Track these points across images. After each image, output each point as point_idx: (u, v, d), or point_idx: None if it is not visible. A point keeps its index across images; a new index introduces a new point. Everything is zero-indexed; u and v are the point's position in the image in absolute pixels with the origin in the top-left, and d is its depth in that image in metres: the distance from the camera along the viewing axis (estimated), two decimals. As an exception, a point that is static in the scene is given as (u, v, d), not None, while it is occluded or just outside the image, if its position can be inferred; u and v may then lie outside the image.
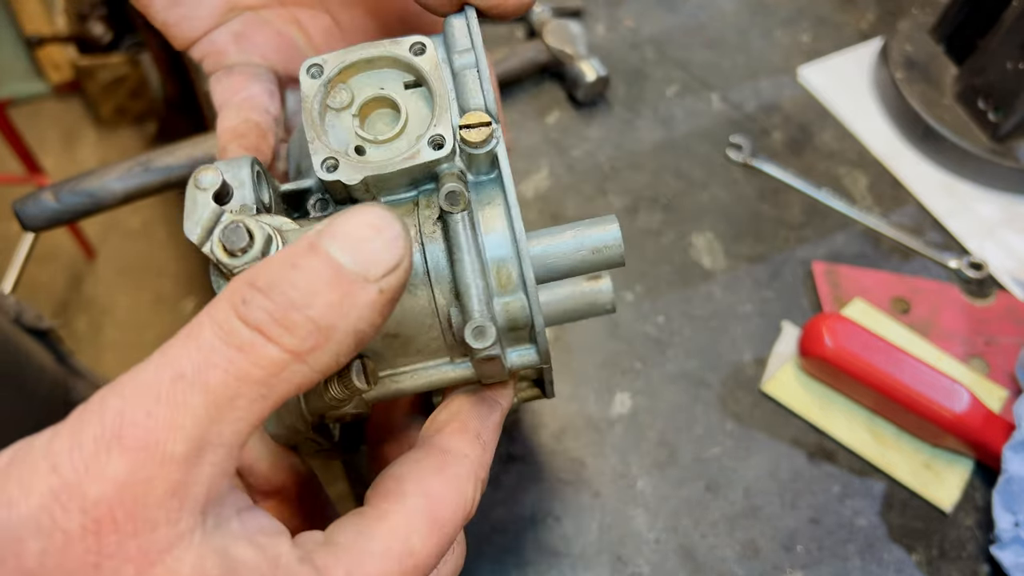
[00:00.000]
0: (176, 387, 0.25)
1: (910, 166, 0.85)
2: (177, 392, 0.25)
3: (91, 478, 0.24)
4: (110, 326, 2.14)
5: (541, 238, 0.38)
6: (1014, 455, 0.61)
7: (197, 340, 0.26)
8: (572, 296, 0.42)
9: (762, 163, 0.83)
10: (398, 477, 0.33)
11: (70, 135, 2.46)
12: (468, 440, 0.35)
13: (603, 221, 0.38)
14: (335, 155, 0.36)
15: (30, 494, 0.24)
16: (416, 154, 0.36)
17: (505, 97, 0.86)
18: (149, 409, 0.25)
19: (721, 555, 0.62)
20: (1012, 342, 0.73)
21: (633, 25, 0.93)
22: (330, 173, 0.36)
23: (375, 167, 0.36)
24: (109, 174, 0.65)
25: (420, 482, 0.33)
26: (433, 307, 0.36)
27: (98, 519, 0.24)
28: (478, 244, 0.35)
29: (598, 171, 0.82)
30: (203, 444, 0.25)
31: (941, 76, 0.87)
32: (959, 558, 0.63)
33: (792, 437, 0.68)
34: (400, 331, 0.37)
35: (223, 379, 0.25)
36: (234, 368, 0.26)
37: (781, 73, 0.91)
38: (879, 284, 0.76)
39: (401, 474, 0.33)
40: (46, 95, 2.50)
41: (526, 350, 0.37)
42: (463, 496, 0.33)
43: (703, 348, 0.71)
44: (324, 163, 0.36)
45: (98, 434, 0.25)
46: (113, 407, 0.25)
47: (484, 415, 0.37)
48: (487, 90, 0.37)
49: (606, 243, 0.38)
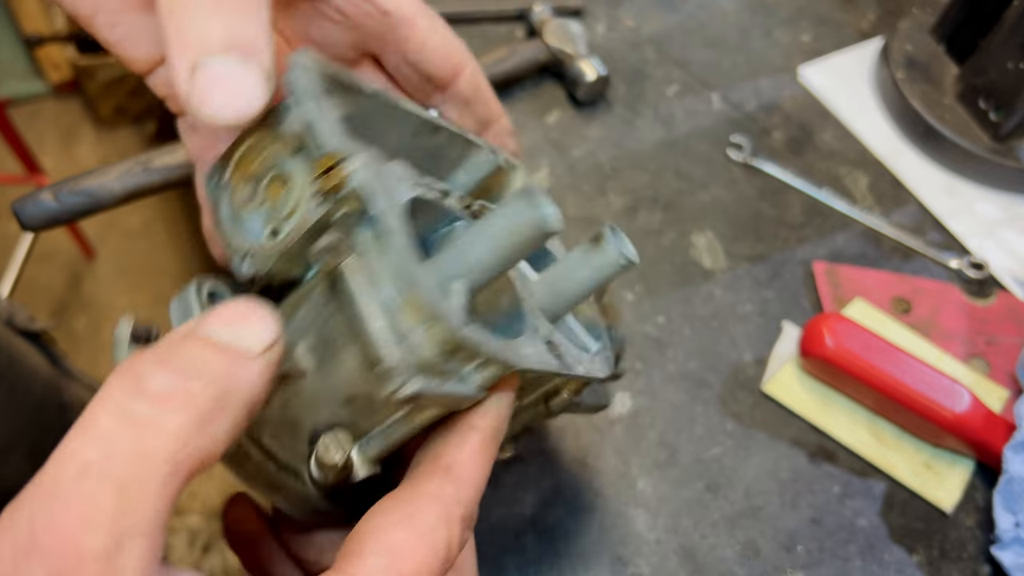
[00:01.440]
0: (81, 483, 0.24)
1: (911, 166, 0.85)
2: (83, 488, 0.24)
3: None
4: (109, 326, 2.14)
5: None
6: (1015, 455, 0.61)
7: (94, 428, 0.25)
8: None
9: (762, 163, 0.83)
10: (361, 534, 0.31)
11: (69, 135, 2.46)
12: (439, 478, 0.33)
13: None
14: (248, 250, 0.35)
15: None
16: (303, 218, 0.34)
17: (505, 97, 0.86)
18: (57, 511, 0.24)
19: (721, 555, 0.62)
20: (1013, 342, 0.73)
21: (633, 25, 0.93)
22: (247, 270, 0.35)
23: (277, 247, 0.34)
24: (108, 174, 0.65)
25: (382, 537, 0.31)
26: (364, 363, 0.34)
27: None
28: (375, 285, 0.32)
29: (598, 171, 0.82)
30: (121, 536, 0.24)
31: (942, 76, 0.87)
32: (960, 558, 0.63)
33: (792, 437, 0.68)
34: (354, 392, 0.35)
35: (128, 464, 0.24)
36: (138, 449, 0.24)
37: (781, 73, 0.91)
38: (880, 284, 0.76)
39: (364, 530, 0.31)
40: (45, 94, 2.50)
41: (480, 369, 0.34)
42: (432, 544, 0.31)
43: (703, 348, 0.71)
44: (242, 261, 0.35)
45: (15, 546, 0.24)
46: (23, 518, 0.24)
47: (456, 444, 0.34)
48: (327, 129, 0.34)
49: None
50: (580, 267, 0.41)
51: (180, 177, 0.67)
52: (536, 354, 0.36)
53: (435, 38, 0.45)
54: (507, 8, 0.91)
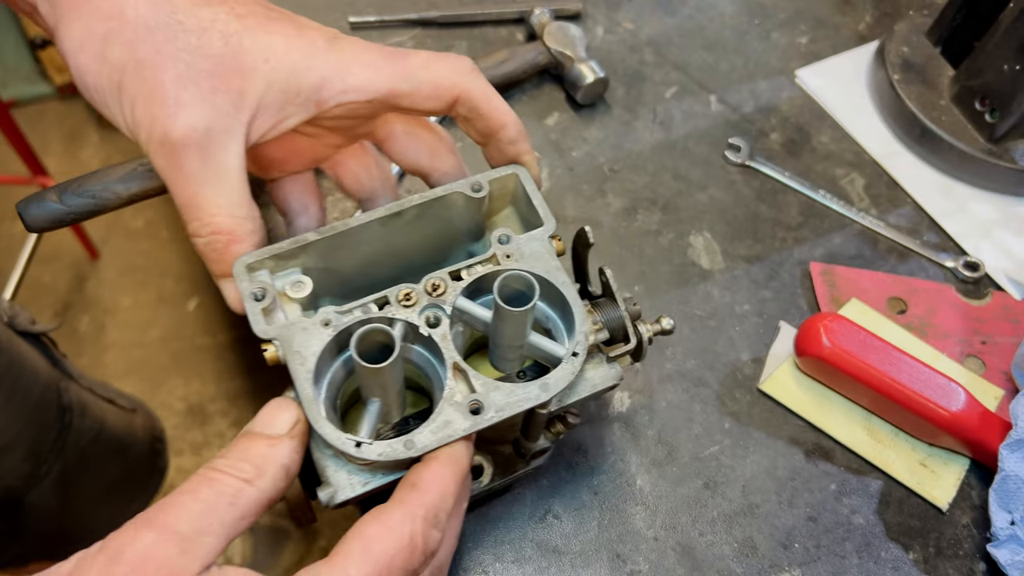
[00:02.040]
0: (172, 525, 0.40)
1: (907, 167, 0.86)
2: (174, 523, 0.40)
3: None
4: (113, 326, 2.15)
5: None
6: (1010, 454, 0.62)
7: (191, 491, 0.40)
8: None
9: (760, 164, 0.84)
10: (346, 533, 0.42)
11: (73, 136, 2.47)
12: (405, 490, 0.44)
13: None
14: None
15: None
16: None
17: (505, 99, 0.86)
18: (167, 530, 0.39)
19: (719, 553, 0.63)
20: (1008, 342, 0.73)
21: (632, 27, 0.94)
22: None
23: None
24: (112, 175, 0.66)
25: (358, 529, 0.42)
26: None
27: None
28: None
29: (598, 172, 0.82)
30: (199, 527, 0.39)
31: (938, 78, 0.88)
32: (956, 556, 0.64)
33: (790, 436, 0.68)
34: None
35: (206, 496, 0.40)
36: (209, 494, 0.40)
37: (779, 75, 0.92)
38: (876, 284, 0.76)
39: (349, 531, 0.42)
40: (50, 96, 2.51)
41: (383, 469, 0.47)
42: (398, 534, 0.41)
43: (701, 348, 0.72)
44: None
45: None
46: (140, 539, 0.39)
47: (420, 466, 0.45)
48: (253, 321, 0.48)
49: None
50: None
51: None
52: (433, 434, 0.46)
53: (425, 79, 0.50)
54: (507, 11, 0.91)
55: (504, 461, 0.58)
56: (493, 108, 0.52)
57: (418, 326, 0.49)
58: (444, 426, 0.46)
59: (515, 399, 0.47)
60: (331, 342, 0.48)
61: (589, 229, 0.53)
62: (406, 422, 0.52)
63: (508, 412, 0.47)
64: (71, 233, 2.16)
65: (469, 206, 0.54)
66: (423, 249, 0.56)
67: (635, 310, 0.53)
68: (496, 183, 0.54)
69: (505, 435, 0.57)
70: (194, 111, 0.44)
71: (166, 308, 2.17)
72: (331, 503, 0.46)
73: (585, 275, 0.57)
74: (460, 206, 0.54)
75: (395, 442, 0.45)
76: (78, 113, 2.51)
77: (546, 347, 0.50)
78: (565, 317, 0.52)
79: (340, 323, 0.48)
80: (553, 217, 0.53)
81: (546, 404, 0.48)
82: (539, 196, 0.54)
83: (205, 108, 0.45)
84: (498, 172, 0.54)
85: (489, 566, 0.61)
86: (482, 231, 0.57)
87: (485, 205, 0.55)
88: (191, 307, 2.18)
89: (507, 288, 0.47)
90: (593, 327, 0.52)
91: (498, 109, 0.52)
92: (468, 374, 0.47)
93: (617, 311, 0.52)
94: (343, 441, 0.45)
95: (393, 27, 0.91)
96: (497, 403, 0.47)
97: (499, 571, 0.61)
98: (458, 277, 0.51)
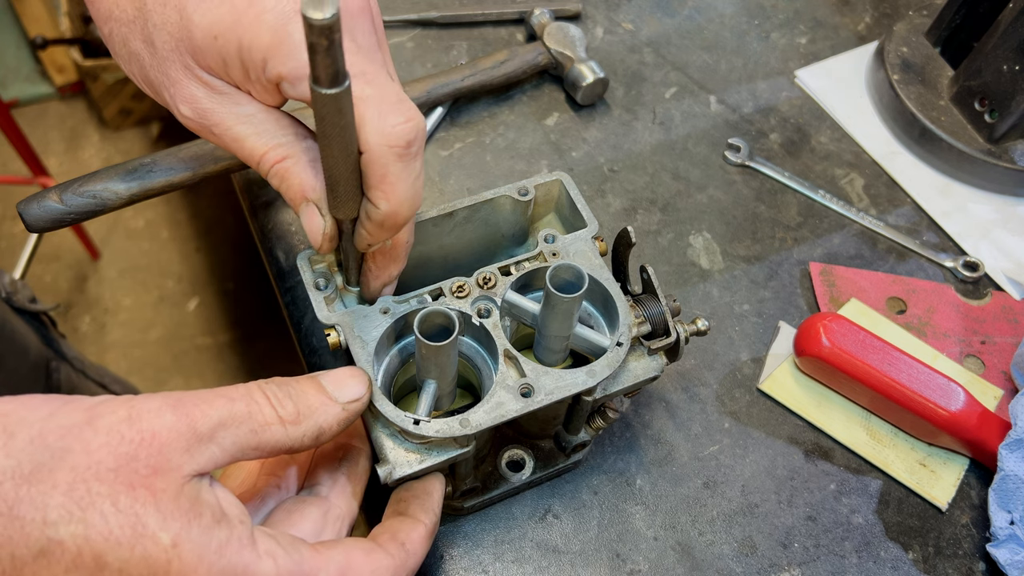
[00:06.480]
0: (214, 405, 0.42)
1: (906, 167, 0.86)
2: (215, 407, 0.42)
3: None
4: (114, 326, 2.15)
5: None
6: (1010, 453, 0.62)
7: (230, 399, 0.42)
8: None
9: (759, 164, 0.84)
10: (336, 542, 0.46)
11: (74, 136, 2.48)
12: (395, 545, 0.47)
13: None
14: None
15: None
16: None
17: (505, 99, 0.86)
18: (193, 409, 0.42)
19: (719, 552, 0.63)
20: (1007, 341, 0.74)
21: (632, 28, 0.94)
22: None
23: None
24: (113, 175, 0.66)
25: (347, 548, 0.45)
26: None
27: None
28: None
29: (597, 172, 0.83)
30: (214, 434, 0.40)
31: (937, 78, 0.88)
32: (955, 555, 0.64)
33: (789, 435, 0.68)
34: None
35: (238, 410, 0.42)
36: (242, 409, 0.42)
37: (778, 75, 0.92)
38: (875, 284, 0.76)
39: (341, 541, 0.46)
40: (50, 97, 2.51)
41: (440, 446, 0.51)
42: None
43: (701, 347, 0.72)
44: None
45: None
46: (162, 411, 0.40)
47: (406, 528, 0.49)
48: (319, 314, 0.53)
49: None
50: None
51: (183, 179, 0.68)
52: (486, 413, 0.49)
53: None
54: (507, 12, 0.91)
55: (545, 455, 0.61)
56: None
57: (471, 315, 0.52)
58: (497, 407, 0.49)
59: (563, 383, 0.50)
60: (389, 328, 0.51)
61: (632, 229, 0.55)
62: (452, 415, 0.54)
63: (557, 395, 0.49)
64: (72, 233, 2.16)
65: (515, 209, 0.58)
66: (470, 250, 0.60)
67: (675, 306, 0.55)
68: (541, 188, 0.59)
69: (547, 428, 0.60)
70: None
71: (167, 308, 2.17)
72: (389, 480, 0.48)
73: (625, 274, 0.59)
74: (507, 210, 0.58)
75: (451, 420, 0.48)
76: (79, 113, 2.51)
77: (591, 338, 0.53)
78: (607, 313, 0.55)
79: (398, 311, 0.52)
80: (596, 220, 0.57)
81: (592, 390, 0.51)
82: (582, 200, 0.58)
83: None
84: (544, 178, 0.59)
85: (489, 566, 0.61)
86: (526, 235, 0.61)
87: (530, 209, 0.59)
88: (192, 307, 2.18)
89: (557, 278, 0.49)
90: (635, 320, 0.54)
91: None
92: (519, 360, 0.50)
93: (659, 306, 0.55)
94: (402, 419, 0.47)
95: (393, 27, 0.91)
96: (547, 387, 0.50)
97: (499, 571, 0.61)
98: (507, 272, 0.54)
